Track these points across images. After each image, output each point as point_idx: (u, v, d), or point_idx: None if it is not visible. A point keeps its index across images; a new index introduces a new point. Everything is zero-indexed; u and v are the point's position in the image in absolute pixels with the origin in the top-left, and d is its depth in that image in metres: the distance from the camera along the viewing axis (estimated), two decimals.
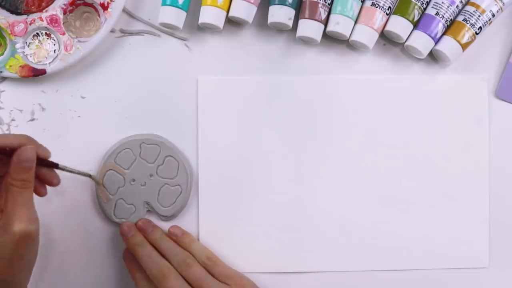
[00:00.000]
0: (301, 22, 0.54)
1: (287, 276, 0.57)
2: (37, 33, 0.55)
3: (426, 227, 0.57)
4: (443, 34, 0.55)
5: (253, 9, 0.54)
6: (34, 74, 0.55)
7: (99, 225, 0.57)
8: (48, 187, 0.51)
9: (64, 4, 0.55)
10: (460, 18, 0.55)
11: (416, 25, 0.55)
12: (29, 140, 0.48)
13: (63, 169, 0.51)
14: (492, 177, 0.57)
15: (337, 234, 0.57)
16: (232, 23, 0.56)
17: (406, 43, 0.55)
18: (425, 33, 0.54)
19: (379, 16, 0.54)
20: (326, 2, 0.54)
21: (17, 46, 0.55)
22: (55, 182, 0.51)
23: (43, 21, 0.54)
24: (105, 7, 0.55)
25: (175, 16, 0.54)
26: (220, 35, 0.57)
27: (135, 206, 0.56)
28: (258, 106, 0.57)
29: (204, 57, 0.57)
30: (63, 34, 0.55)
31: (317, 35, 0.54)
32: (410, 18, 0.54)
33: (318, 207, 0.57)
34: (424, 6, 0.55)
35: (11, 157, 0.46)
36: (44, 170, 0.50)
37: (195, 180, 0.57)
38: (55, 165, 0.51)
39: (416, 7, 0.54)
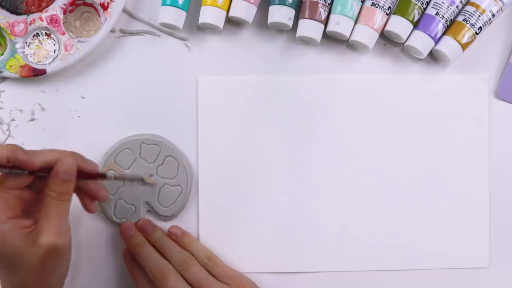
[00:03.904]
0: (301, 22, 0.54)
1: (287, 276, 0.57)
2: (37, 33, 0.55)
3: (426, 227, 0.57)
4: (443, 34, 0.55)
5: (253, 9, 0.54)
6: (34, 74, 0.55)
7: (99, 225, 0.57)
8: None
9: (64, 4, 0.55)
10: (460, 18, 0.55)
11: (416, 25, 0.55)
12: (74, 155, 0.47)
13: (112, 178, 0.50)
14: (492, 177, 0.57)
15: (337, 234, 0.57)
16: (232, 23, 0.56)
17: (406, 43, 0.55)
18: (425, 33, 0.54)
19: (379, 16, 0.54)
20: (326, 2, 0.54)
21: (17, 46, 0.55)
22: (100, 195, 0.50)
23: (43, 21, 0.54)
24: (105, 7, 0.55)
25: (175, 16, 0.54)
26: (220, 35, 0.57)
27: (135, 206, 0.56)
28: (258, 106, 0.57)
29: (204, 57, 0.57)
30: (63, 34, 0.55)
31: (317, 35, 0.54)
32: (410, 18, 0.54)
33: (318, 207, 0.57)
34: (424, 6, 0.55)
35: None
36: (90, 182, 0.49)
37: (195, 180, 0.57)
38: (102, 176, 0.49)
39: (416, 7, 0.54)
